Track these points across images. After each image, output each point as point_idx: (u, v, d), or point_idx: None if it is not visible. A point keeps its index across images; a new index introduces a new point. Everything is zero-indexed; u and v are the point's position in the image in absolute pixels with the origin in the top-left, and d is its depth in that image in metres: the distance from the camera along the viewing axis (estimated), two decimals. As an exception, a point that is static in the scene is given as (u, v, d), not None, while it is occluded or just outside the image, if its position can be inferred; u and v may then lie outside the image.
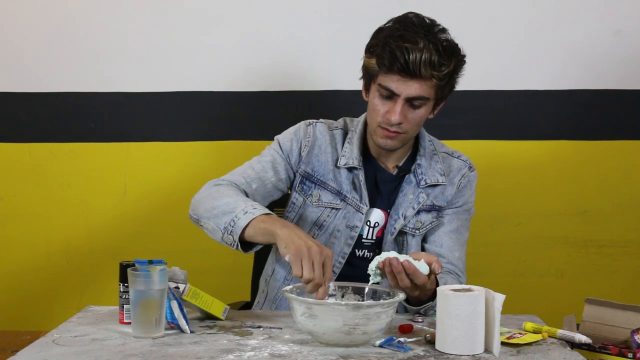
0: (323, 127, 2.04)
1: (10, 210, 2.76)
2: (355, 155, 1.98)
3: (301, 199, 2.01)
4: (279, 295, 2.03)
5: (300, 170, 2.01)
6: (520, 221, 2.73)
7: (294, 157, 2.01)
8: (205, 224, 1.89)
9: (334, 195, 1.99)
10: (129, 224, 2.75)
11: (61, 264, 2.75)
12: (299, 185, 2.02)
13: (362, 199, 1.97)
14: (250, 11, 2.71)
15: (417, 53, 1.80)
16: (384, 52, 1.83)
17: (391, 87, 1.85)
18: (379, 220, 2.00)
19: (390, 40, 1.83)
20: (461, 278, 1.99)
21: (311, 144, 2.01)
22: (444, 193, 2.02)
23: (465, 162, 2.07)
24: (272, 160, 2.01)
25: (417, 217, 2.00)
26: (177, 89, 2.73)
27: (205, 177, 2.73)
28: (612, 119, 2.71)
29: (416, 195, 1.99)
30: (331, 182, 1.99)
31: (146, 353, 1.51)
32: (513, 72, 2.70)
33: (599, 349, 1.60)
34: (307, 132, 2.02)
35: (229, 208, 1.84)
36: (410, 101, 1.86)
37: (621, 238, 2.72)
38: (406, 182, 2.00)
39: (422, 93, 1.85)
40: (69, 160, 2.75)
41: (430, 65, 1.81)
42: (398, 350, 1.54)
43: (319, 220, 2.00)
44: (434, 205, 2.01)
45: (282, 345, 1.57)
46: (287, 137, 2.04)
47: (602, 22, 2.68)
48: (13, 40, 2.73)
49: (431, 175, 2.00)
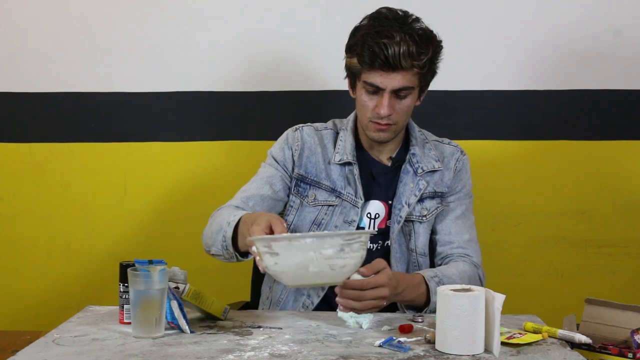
0: (309, 129, 2.10)
1: (10, 210, 2.76)
2: (348, 151, 2.03)
3: (298, 200, 2.06)
4: (282, 297, 2.04)
5: (295, 174, 2.07)
6: (520, 221, 2.73)
7: (289, 163, 2.07)
8: (215, 253, 1.96)
9: (328, 193, 2.04)
10: (129, 224, 2.75)
11: (61, 264, 2.75)
12: (295, 188, 2.07)
13: (356, 193, 2.01)
14: (251, 11, 2.71)
15: (395, 47, 1.87)
16: (363, 50, 1.90)
17: (375, 82, 1.92)
18: (379, 212, 2.03)
19: (368, 38, 1.90)
20: (474, 258, 2.05)
21: (301, 147, 2.07)
22: (443, 179, 2.08)
23: (456, 147, 2.14)
24: (267, 176, 2.07)
25: (422, 204, 2.05)
26: (177, 89, 2.73)
27: (205, 177, 2.75)
28: (612, 119, 2.71)
29: (416, 182, 2.04)
30: (324, 180, 2.04)
31: (146, 353, 1.51)
32: (513, 72, 2.70)
33: (599, 349, 1.60)
34: (294, 137, 2.09)
35: (219, 227, 1.92)
36: (396, 92, 1.93)
37: (621, 238, 2.72)
38: (404, 172, 2.05)
39: (406, 83, 1.92)
40: (69, 160, 2.75)
41: (409, 56, 1.88)
42: (398, 350, 1.54)
43: (317, 219, 2.04)
44: (435, 192, 2.07)
45: (282, 345, 1.57)
46: (278, 147, 2.10)
47: (602, 22, 2.68)
48: (13, 40, 2.73)
49: (427, 162, 2.06)
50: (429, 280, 1.89)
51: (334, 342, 1.60)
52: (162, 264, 1.63)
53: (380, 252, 2.03)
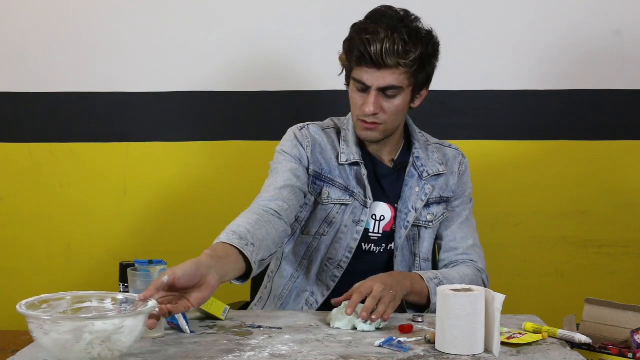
0: (315, 127, 2.04)
1: (10, 210, 2.76)
2: (354, 151, 1.99)
3: (313, 198, 2.01)
4: (284, 292, 2.03)
5: (310, 170, 2.00)
6: (520, 221, 2.73)
7: (305, 160, 2.00)
8: None
9: (342, 191, 2.00)
10: (129, 224, 2.75)
11: (61, 264, 2.76)
12: (311, 185, 2.01)
13: (366, 193, 1.98)
14: (251, 11, 2.71)
15: (377, 44, 1.84)
16: (351, 46, 1.89)
17: (363, 79, 1.89)
18: (385, 214, 2.01)
19: (354, 35, 1.88)
20: (478, 263, 2.03)
21: (312, 144, 2.01)
22: (448, 184, 2.05)
23: (457, 150, 2.12)
24: (289, 168, 1.96)
25: (428, 209, 2.03)
26: (177, 89, 2.73)
27: (205, 177, 2.75)
28: (612, 119, 2.72)
29: (422, 187, 2.01)
30: (338, 178, 2.00)
31: (146, 353, 1.51)
32: (513, 72, 2.71)
33: (599, 349, 1.60)
34: (303, 134, 2.02)
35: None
36: (383, 91, 1.89)
37: (621, 238, 2.72)
38: (408, 175, 2.02)
39: (393, 82, 1.88)
40: (69, 160, 2.75)
41: (394, 53, 1.84)
42: (398, 350, 1.54)
43: (328, 217, 2.00)
44: (442, 197, 2.05)
45: (282, 345, 1.57)
46: (289, 145, 2.01)
47: (602, 22, 2.68)
48: (13, 40, 2.73)
49: (431, 165, 2.03)
50: (428, 282, 1.87)
51: (334, 342, 1.60)
52: (162, 264, 1.63)
53: (384, 255, 2.02)
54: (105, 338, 1.34)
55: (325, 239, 2.00)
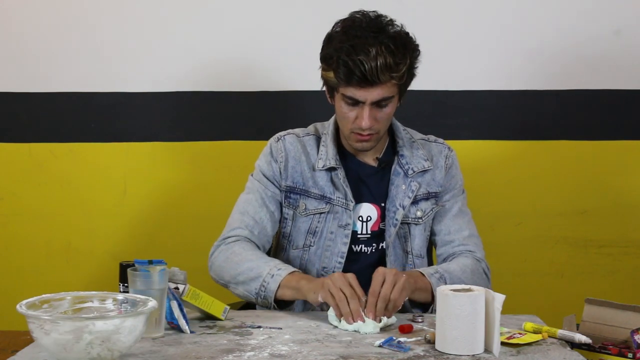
0: (292, 138, 2.07)
1: (10, 210, 2.76)
2: (331, 156, 2.00)
3: (291, 212, 2.04)
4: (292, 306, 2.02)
5: (283, 186, 2.04)
6: (520, 221, 2.73)
7: (278, 176, 2.04)
8: (234, 289, 1.95)
9: (318, 200, 2.02)
10: (129, 223, 2.75)
11: (61, 263, 2.76)
12: (285, 200, 2.04)
13: (346, 196, 1.99)
14: (251, 11, 2.71)
15: (371, 62, 1.82)
16: (339, 67, 1.86)
17: (355, 96, 1.88)
18: (371, 214, 2.02)
19: (343, 54, 1.85)
20: (476, 253, 2.03)
21: (285, 158, 2.04)
22: (435, 178, 2.05)
23: (443, 144, 2.11)
24: (260, 196, 2.04)
25: (417, 205, 2.03)
26: (177, 89, 2.73)
27: (205, 177, 2.75)
28: (612, 119, 2.72)
29: (408, 184, 2.02)
30: (312, 188, 2.02)
31: (146, 353, 1.51)
32: (513, 72, 2.70)
33: (599, 349, 1.60)
34: (277, 148, 2.05)
35: (254, 274, 1.89)
36: (376, 103, 1.89)
37: (621, 238, 2.72)
38: (394, 174, 2.03)
39: (386, 94, 1.88)
40: (69, 160, 2.75)
41: (387, 68, 1.84)
42: (398, 350, 1.54)
43: (311, 228, 2.02)
44: (429, 192, 2.05)
45: (282, 345, 1.57)
46: (264, 161, 2.07)
47: (602, 22, 2.68)
48: (13, 40, 2.73)
49: (416, 162, 2.03)
50: (429, 277, 1.87)
51: (334, 342, 1.60)
52: (162, 264, 1.63)
53: (375, 255, 2.02)
54: (105, 338, 1.34)
55: (314, 249, 2.02)
